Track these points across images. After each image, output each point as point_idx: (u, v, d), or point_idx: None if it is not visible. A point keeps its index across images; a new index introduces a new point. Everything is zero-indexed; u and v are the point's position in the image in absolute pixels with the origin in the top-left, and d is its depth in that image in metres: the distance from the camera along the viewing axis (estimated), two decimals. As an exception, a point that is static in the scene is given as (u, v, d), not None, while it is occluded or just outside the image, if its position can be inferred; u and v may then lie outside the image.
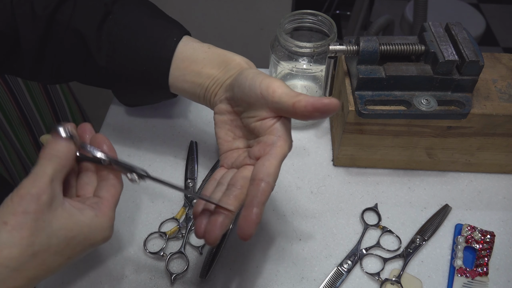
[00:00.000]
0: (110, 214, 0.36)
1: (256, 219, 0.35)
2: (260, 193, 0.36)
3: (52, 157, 0.34)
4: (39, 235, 0.31)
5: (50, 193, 0.32)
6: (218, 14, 1.14)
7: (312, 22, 0.58)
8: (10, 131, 0.97)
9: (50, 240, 0.32)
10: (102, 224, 0.36)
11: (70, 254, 0.33)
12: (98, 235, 0.35)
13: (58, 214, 0.33)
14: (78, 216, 0.34)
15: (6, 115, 0.93)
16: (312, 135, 0.62)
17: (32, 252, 0.31)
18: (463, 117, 0.49)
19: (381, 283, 0.47)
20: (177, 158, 0.59)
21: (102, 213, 0.36)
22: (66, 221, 0.33)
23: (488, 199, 0.55)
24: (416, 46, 0.49)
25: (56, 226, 0.32)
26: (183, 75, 0.46)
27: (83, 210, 0.35)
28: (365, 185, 0.56)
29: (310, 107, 0.36)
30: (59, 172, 0.34)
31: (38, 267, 0.32)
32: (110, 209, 0.37)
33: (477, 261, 0.48)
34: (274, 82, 0.38)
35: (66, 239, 0.33)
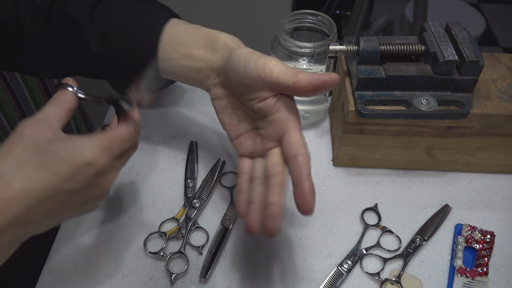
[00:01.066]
0: (100, 137, 0.36)
1: (311, 191, 0.36)
2: (302, 166, 0.37)
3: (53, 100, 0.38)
4: (25, 149, 0.33)
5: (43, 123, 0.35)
6: (218, 14, 1.14)
7: (312, 22, 0.58)
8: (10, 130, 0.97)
9: (33, 155, 0.33)
10: (89, 143, 0.35)
11: (54, 169, 0.33)
12: (83, 152, 0.35)
13: (47, 135, 0.35)
14: (67, 138, 0.35)
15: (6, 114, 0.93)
16: (312, 135, 0.62)
17: (15, 163, 0.32)
18: (463, 117, 0.49)
19: (381, 283, 0.47)
20: (177, 158, 0.59)
21: (92, 136, 0.36)
22: (54, 140, 0.34)
23: (488, 199, 0.55)
24: (416, 46, 0.49)
25: (41, 143, 0.34)
26: (172, 58, 0.45)
27: (76, 136, 0.36)
28: (365, 185, 0.56)
29: (310, 86, 0.36)
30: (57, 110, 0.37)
31: (23, 178, 0.32)
32: (104, 135, 0.37)
33: (477, 261, 0.48)
34: (269, 61, 0.38)
35: (49, 153, 0.33)
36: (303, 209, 0.36)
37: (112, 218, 0.53)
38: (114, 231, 0.52)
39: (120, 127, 0.39)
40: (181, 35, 0.45)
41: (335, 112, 0.60)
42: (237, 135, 0.44)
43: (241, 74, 0.39)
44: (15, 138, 0.34)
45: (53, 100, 0.38)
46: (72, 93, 0.39)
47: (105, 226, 0.52)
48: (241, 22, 1.15)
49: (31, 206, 0.32)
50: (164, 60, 0.46)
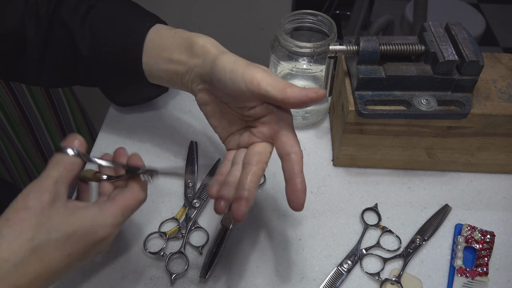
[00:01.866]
0: (115, 212, 0.36)
1: (302, 187, 0.38)
2: (294, 164, 0.38)
3: (59, 162, 0.35)
4: (40, 229, 0.32)
5: (53, 193, 0.33)
6: (218, 14, 1.14)
7: (312, 22, 0.58)
8: (11, 131, 0.97)
9: (50, 235, 0.32)
10: (105, 220, 0.35)
11: (70, 250, 0.33)
12: (99, 229, 0.35)
13: (60, 211, 0.33)
14: (80, 212, 0.34)
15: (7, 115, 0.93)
16: (312, 135, 0.62)
17: (32, 247, 0.31)
18: (463, 117, 0.49)
19: (381, 283, 0.47)
20: (177, 158, 0.59)
21: (107, 209, 0.36)
22: (67, 217, 0.33)
23: (488, 199, 0.55)
24: (416, 46, 0.49)
25: (57, 222, 0.32)
26: (156, 63, 0.45)
27: (87, 207, 0.35)
28: (365, 185, 0.56)
29: (299, 102, 0.37)
30: (64, 176, 0.35)
31: (38, 263, 0.32)
32: (118, 208, 0.36)
33: (477, 261, 0.48)
34: (256, 72, 0.38)
35: (66, 233, 0.33)
36: (294, 205, 0.37)
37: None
38: (114, 231, 0.52)
39: (132, 195, 0.38)
40: (164, 40, 0.45)
41: (335, 112, 0.60)
42: (228, 135, 0.44)
43: (228, 85, 0.39)
44: (25, 213, 0.32)
45: (58, 162, 0.35)
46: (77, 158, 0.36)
47: (105, 226, 0.52)
48: (241, 22, 1.15)
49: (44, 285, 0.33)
50: (149, 64, 0.46)
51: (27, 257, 0.31)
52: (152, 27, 0.46)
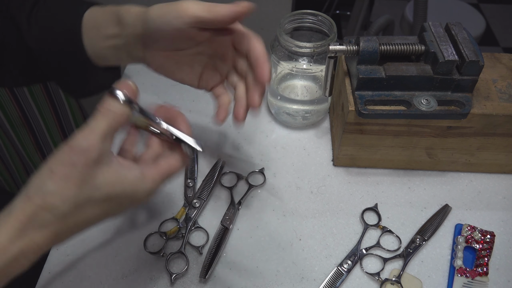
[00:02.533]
0: (156, 178, 0.36)
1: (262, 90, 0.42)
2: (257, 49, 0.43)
3: (108, 112, 0.34)
4: (83, 188, 0.32)
5: (100, 149, 0.33)
6: (218, 14, 1.14)
7: (312, 22, 0.58)
8: (11, 131, 0.97)
9: (93, 194, 0.33)
10: (145, 185, 0.36)
11: (108, 209, 0.34)
12: (139, 195, 0.35)
13: (104, 170, 0.33)
14: (123, 174, 0.35)
15: (7, 115, 0.93)
16: (312, 135, 0.62)
17: (75, 204, 0.32)
18: (463, 117, 0.49)
19: (381, 283, 0.47)
20: (177, 158, 0.59)
21: (148, 174, 0.36)
22: (111, 177, 0.34)
23: (488, 199, 0.55)
24: (416, 46, 0.49)
25: (101, 181, 0.33)
26: (97, 42, 0.46)
27: (130, 169, 0.35)
28: (365, 185, 0.56)
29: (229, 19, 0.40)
30: (112, 129, 0.34)
31: (78, 217, 0.33)
32: (158, 174, 0.37)
33: (477, 261, 0.48)
34: (184, 6, 0.39)
35: (108, 195, 0.34)
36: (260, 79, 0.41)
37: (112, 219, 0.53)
38: (114, 231, 0.52)
39: (176, 163, 0.39)
40: (97, 19, 0.45)
41: (335, 112, 0.60)
42: (198, 79, 0.46)
43: (164, 31, 0.40)
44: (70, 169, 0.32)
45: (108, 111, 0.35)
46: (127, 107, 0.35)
47: (105, 226, 0.52)
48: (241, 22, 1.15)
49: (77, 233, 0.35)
50: (91, 46, 0.46)
51: (69, 212, 0.32)
52: (88, 8, 0.46)
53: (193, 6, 0.39)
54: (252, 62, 0.42)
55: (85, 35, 0.46)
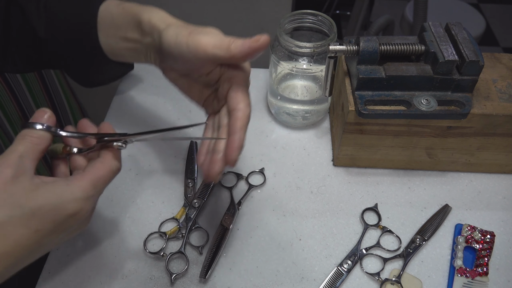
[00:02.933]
0: (84, 185, 0.34)
1: (237, 144, 0.37)
2: (237, 120, 0.38)
3: (25, 136, 0.34)
4: (1, 206, 0.30)
5: (16, 168, 0.32)
6: (218, 14, 1.14)
7: (312, 22, 0.58)
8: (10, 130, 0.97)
9: (13, 212, 0.31)
10: (73, 194, 0.33)
11: (37, 226, 0.32)
12: (67, 205, 0.33)
13: (24, 187, 0.32)
14: (46, 187, 0.33)
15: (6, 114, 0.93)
16: (312, 135, 0.62)
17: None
18: (463, 117, 0.49)
19: (381, 283, 0.47)
20: (177, 158, 0.59)
21: (75, 182, 0.34)
22: (31, 192, 0.32)
23: (488, 199, 0.55)
24: (416, 46, 0.49)
25: (20, 197, 0.31)
26: (115, 42, 0.45)
27: (54, 182, 0.33)
28: (365, 185, 0.56)
29: (245, 55, 0.37)
30: (30, 150, 0.34)
31: (3, 240, 0.30)
32: (86, 180, 0.34)
33: (477, 261, 0.48)
34: (199, 39, 0.37)
35: (30, 209, 0.31)
36: (227, 158, 0.37)
37: (112, 218, 0.53)
38: (114, 231, 0.52)
39: (103, 166, 0.36)
40: (114, 18, 0.44)
41: (335, 112, 0.60)
42: (203, 102, 0.45)
43: (178, 58, 0.39)
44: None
45: (25, 136, 0.34)
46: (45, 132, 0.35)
47: (105, 226, 0.52)
48: (241, 22, 1.15)
49: (13, 263, 0.32)
50: (109, 44, 0.45)
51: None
52: (103, 2, 0.45)
53: (211, 42, 0.37)
54: (229, 129, 0.38)
55: (101, 32, 0.45)
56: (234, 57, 0.37)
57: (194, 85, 0.44)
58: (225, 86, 0.40)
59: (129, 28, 0.43)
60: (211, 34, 0.38)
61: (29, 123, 0.35)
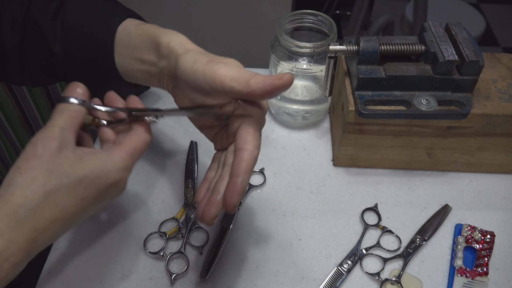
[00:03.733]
0: (123, 156, 0.36)
1: (239, 188, 0.35)
2: (241, 161, 0.35)
3: (63, 110, 0.36)
4: (50, 175, 0.32)
5: (60, 140, 0.34)
6: (218, 14, 1.14)
7: (312, 22, 0.58)
8: (10, 130, 0.97)
9: (61, 180, 0.33)
10: (114, 163, 0.35)
11: (83, 194, 0.34)
12: (110, 174, 0.35)
13: (69, 158, 0.34)
14: (89, 158, 0.35)
15: (6, 114, 0.93)
16: (312, 135, 0.62)
17: (45, 192, 0.32)
18: (463, 117, 0.49)
19: (381, 283, 0.47)
20: (177, 158, 0.59)
21: (115, 153, 0.36)
22: (76, 163, 0.34)
23: (488, 199, 0.55)
24: (416, 46, 0.49)
25: (67, 168, 0.33)
26: (130, 64, 0.44)
27: (95, 153, 0.35)
28: (365, 185, 0.56)
29: (265, 93, 0.34)
30: (70, 123, 0.35)
31: (53, 207, 0.32)
32: (125, 151, 0.37)
33: (477, 261, 0.48)
34: (217, 70, 0.35)
35: (77, 178, 0.33)
36: (225, 203, 0.35)
37: (112, 218, 0.53)
38: (114, 231, 0.52)
39: (139, 138, 0.38)
40: (132, 39, 0.43)
41: (335, 112, 0.60)
42: (213, 135, 0.42)
43: (193, 86, 0.37)
44: (34, 160, 0.33)
45: (63, 110, 0.36)
46: (81, 106, 0.37)
47: (105, 226, 0.52)
48: (241, 22, 1.15)
49: (61, 228, 0.34)
50: (123, 65, 0.45)
51: (42, 202, 0.32)
52: (122, 22, 0.45)
53: (229, 74, 0.34)
54: (232, 171, 0.36)
55: (117, 52, 0.45)
56: (252, 93, 0.34)
57: (206, 116, 0.42)
58: (236, 123, 0.37)
59: (146, 49, 0.42)
60: (230, 66, 0.35)
61: (64, 97, 0.37)
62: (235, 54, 1.21)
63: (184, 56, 0.37)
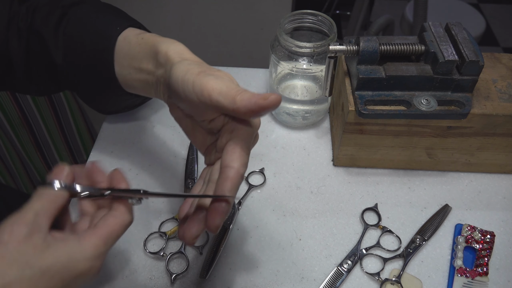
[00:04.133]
0: (95, 242, 0.33)
1: (224, 209, 0.33)
2: (226, 180, 0.34)
3: (42, 194, 0.33)
4: (12, 265, 0.30)
5: (31, 225, 0.31)
6: (218, 14, 1.14)
7: (312, 22, 0.58)
8: (11, 131, 0.97)
9: (23, 272, 0.30)
10: (84, 253, 0.32)
11: (46, 286, 0.31)
12: (78, 264, 0.32)
13: (36, 245, 0.31)
14: (57, 245, 0.32)
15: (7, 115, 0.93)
16: (312, 135, 0.62)
17: (2, 284, 0.29)
18: (463, 117, 0.49)
19: (381, 283, 0.47)
20: (177, 158, 0.59)
21: (86, 240, 0.33)
22: (42, 251, 0.31)
23: (488, 199, 0.55)
24: (416, 46, 0.49)
25: (31, 257, 0.30)
26: (129, 73, 0.44)
27: (65, 240, 0.32)
28: (365, 185, 0.56)
29: (250, 112, 0.33)
30: (47, 208, 0.33)
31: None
32: (98, 237, 0.33)
33: (477, 261, 0.48)
34: (207, 82, 0.34)
35: (40, 269, 0.30)
36: (208, 223, 0.34)
37: None
38: (114, 231, 0.52)
39: (117, 221, 0.35)
40: (132, 48, 0.43)
41: (335, 112, 0.60)
42: (204, 149, 0.41)
43: (183, 97, 0.35)
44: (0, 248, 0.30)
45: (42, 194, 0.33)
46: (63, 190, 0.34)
47: (105, 226, 0.52)
48: (241, 22, 1.15)
49: None
50: (122, 74, 0.44)
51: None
52: (122, 32, 0.44)
53: (218, 87, 0.33)
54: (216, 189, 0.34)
55: (117, 61, 0.44)
56: (237, 110, 0.33)
57: (198, 128, 0.40)
58: (224, 138, 0.36)
59: (145, 58, 0.41)
60: (221, 79, 0.34)
61: (48, 182, 0.34)
62: (235, 54, 1.21)
63: (178, 65, 0.36)
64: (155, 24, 1.13)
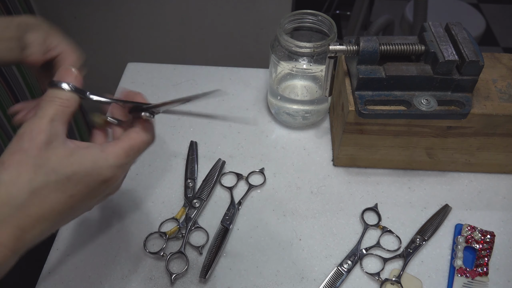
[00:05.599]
0: (118, 152, 0.34)
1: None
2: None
3: (54, 99, 0.34)
4: (37, 171, 0.30)
5: (49, 132, 0.32)
6: (218, 14, 1.14)
7: (312, 22, 0.58)
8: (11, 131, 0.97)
9: (48, 177, 0.31)
10: (107, 160, 0.33)
11: (72, 191, 0.32)
12: (101, 171, 0.33)
13: (58, 152, 0.32)
14: (80, 152, 0.33)
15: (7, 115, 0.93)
16: (312, 135, 0.62)
17: (30, 189, 0.30)
18: (463, 117, 0.49)
19: (381, 283, 0.47)
20: (177, 158, 0.59)
21: (109, 149, 0.34)
22: (66, 158, 0.32)
23: (488, 199, 0.55)
24: (416, 46, 0.49)
25: (55, 163, 0.31)
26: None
27: (88, 148, 0.34)
28: (365, 185, 0.56)
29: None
30: (61, 113, 0.33)
31: (39, 205, 0.31)
32: (120, 148, 0.35)
33: (477, 261, 0.48)
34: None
35: (65, 175, 0.31)
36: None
37: (112, 218, 0.53)
38: (114, 231, 0.52)
39: (137, 136, 0.36)
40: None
41: (335, 112, 0.60)
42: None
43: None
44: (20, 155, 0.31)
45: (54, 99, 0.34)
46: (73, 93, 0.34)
47: (105, 226, 0.52)
48: (241, 22, 1.15)
49: (49, 226, 0.32)
50: None
51: (27, 199, 0.30)
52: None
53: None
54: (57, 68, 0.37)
55: None
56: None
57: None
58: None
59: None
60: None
61: (55, 82, 0.34)
62: (235, 54, 1.21)
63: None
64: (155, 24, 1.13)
